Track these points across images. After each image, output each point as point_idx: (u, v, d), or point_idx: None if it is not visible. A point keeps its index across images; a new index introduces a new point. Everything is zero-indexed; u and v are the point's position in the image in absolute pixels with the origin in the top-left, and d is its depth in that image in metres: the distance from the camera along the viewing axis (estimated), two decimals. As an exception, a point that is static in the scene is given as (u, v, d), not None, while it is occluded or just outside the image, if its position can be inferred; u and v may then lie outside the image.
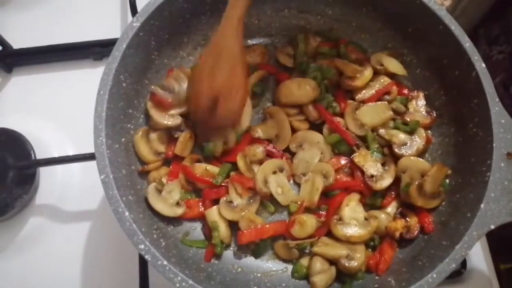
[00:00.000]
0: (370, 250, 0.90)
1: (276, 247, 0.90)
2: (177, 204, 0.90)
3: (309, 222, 0.89)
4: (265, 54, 1.04)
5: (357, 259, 0.86)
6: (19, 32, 1.18)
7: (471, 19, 1.18)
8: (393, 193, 0.94)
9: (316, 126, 0.99)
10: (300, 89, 0.96)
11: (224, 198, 0.91)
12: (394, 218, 0.90)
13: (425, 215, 0.90)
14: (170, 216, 0.89)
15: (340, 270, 0.87)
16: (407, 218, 0.90)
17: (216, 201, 0.92)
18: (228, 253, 0.91)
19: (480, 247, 1.01)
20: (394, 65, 1.00)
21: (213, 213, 0.90)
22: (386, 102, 0.98)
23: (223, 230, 0.89)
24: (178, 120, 0.94)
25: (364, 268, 0.88)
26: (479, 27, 1.18)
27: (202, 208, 0.92)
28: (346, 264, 0.85)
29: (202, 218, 0.92)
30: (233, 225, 0.90)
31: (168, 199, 0.89)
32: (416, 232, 0.89)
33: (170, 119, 0.94)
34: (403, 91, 1.01)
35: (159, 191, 0.90)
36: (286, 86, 0.98)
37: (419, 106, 0.98)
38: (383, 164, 0.94)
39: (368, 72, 0.99)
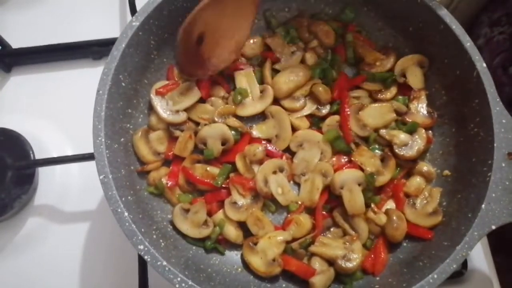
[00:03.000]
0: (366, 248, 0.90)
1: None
2: (204, 224, 0.89)
3: (305, 222, 0.89)
4: (264, 47, 1.04)
5: (353, 259, 0.86)
6: (18, 32, 1.18)
7: (472, 4, 1.17)
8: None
9: (316, 125, 0.99)
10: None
11: (229, 199, 0.90)
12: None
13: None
14: (196, 238, 0.89)
15: (338, 271, 0.86)
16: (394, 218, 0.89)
17: (222, 202, 0.91)
18: (228, 254, 0.91)
19: (481, 247, 1.00)
20: (415, 80, 0.99)
21: (219, 218, 0.90)
22: (389, 104, 0.97)
23: (232, 232, 0.89)
24: (183, 116, 0.94)
25: (360, 269, 0.88)
26: (482, 11, 1.17)
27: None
28: (343, 265, 0.85)
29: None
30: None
31: (194, 220, 0.88)
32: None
33: (174, 115, 0.93)
34: (405, 90, 1.00)
35: (186, 211, 0.89)
36: (283, 73, 0.98)
37: (420, 106, 0.98)
38: (382, 160, 0.94)
39: (389, 65, 0.99)
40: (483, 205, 0.79)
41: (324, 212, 0.93)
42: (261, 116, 1.00)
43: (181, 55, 0.91)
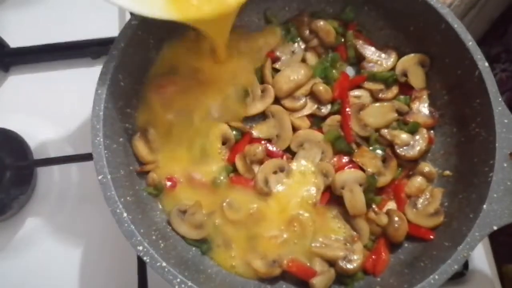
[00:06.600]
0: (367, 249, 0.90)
1: None
2: (201, 225, 0.88)
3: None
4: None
5: (354, 260, 0.85)
6: (16, 31, 1.17)
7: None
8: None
9: (316, 125, 0.98)
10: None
11: (228, 200, 0.89)
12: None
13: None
14: (194, 239, 0.88)
15: (338, 272, 0.86)
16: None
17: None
18: (228, 254, 0.91)
19: (482, 248, 1.00)
20: (416, 80, 0.98)
21: None
22: (390, 104, 0.97)
23: None
24: None
25: (361, 270, 0.87)
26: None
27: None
28: (344, 266, 0.85)
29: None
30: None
31: (191, 221, 0.87)
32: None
33: None
34: (407, 90, 1.00)
35: (183, 213, 0.88)
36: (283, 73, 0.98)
37: (422, 106, 0.97)
38: (383, 161, 0.93)
39: (390, 64, 0.99)
40: (484, 206, 0.79)
41: (325, 213, 0.92)
42: (262, 116, 0.99)
43: None
